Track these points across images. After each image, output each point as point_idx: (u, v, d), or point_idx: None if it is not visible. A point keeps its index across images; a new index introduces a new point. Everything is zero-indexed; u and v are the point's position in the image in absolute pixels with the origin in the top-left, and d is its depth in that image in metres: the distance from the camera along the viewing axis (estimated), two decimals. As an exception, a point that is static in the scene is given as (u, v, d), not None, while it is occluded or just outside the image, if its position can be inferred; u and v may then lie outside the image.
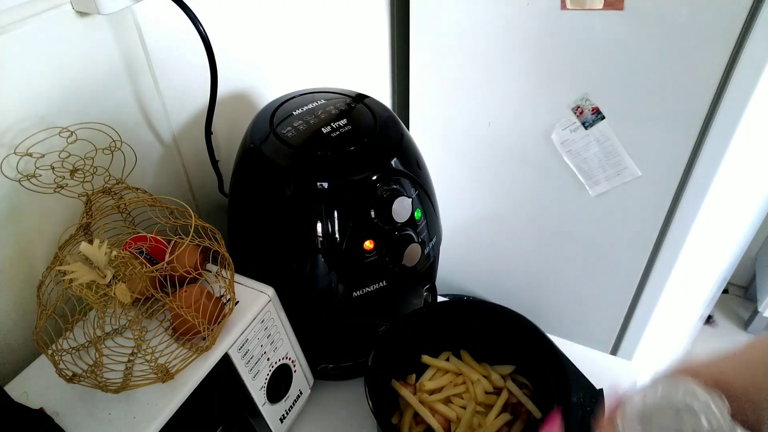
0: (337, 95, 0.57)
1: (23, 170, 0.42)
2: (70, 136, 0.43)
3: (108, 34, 0.46)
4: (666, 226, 0.87)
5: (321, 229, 0.49)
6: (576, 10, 0.75)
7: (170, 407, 0.41)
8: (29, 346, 0.47)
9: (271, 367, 0.51)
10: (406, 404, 0.55)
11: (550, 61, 0.81)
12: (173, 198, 0.45)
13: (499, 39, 0.84)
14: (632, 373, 0.64)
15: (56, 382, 0.41)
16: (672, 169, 0.81)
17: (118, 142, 0.46)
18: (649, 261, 0.92)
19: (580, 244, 0.96)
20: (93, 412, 0.41)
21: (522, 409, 0.54)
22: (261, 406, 0.51)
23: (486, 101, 0.91)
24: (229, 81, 0.62)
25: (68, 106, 0.45)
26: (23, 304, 0.46)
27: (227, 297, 0.47)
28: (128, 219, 0.49)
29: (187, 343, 0.44)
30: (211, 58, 0.52)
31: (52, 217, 0.46)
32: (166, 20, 0.51)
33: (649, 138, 0.80)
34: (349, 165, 0.49)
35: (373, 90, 0.90)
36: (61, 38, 0.43)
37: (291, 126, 0.51)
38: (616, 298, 1.00)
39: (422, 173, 0.55)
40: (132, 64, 0.50)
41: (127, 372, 0.42)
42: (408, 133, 0.55)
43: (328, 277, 0.51)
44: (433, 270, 0.62)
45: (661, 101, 0.76)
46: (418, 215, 0.53)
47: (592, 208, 0.90)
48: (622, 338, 1.05)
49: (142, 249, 0.46)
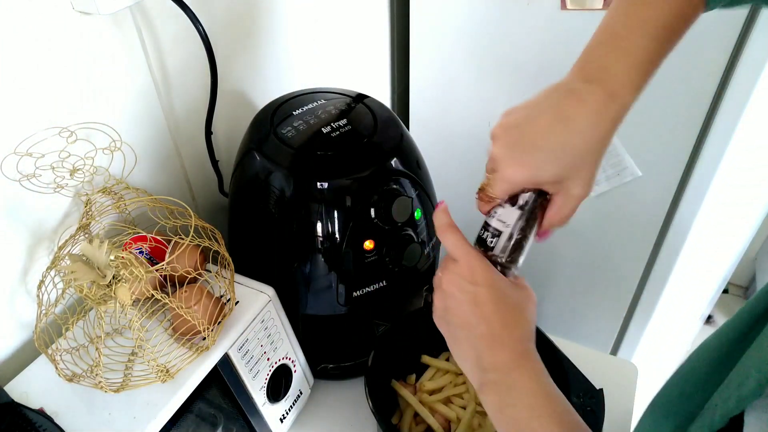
0: (337, 95, 0.57)
1: (23, 170, 0.42)
2: (70, 136, 0.43)
3: (108, 33, 0.46)
4: (666, 226, 0.87)
5: (321, 229, 0.49)
6: (576, 10, 0.75)
7: (170, 407, 0.41)
8: (29, 346, 0.47)
9: (271, 367, 0.51)
10: (406, 404, 0.55)
11: (551, 61, 0.81)
12: (173, 198, 0.46)
13: (499, 39, 0.83)
14: (632, 373, 0.64)
15: (56, 382, 0.41)
16: (672, 169, 0.81)
17: (118, 142, 0.46)
18: (649, 261, 0.92)
19: (580, 243, 0.96)
20: (93, 412, 0.41)
21: (522, 409, 0.53)
22: (261, 406, 0.51)
23: (486, 101, 0.90)
24: (229, 81, 0.61)
25: (68, 105, 0.45)
26: (23, 304, 0.46)
27: (227, 297, 0.47)
28: (128, 219, 0.49)
29: (187, 343, 0.44)
30: (211, 57, 0.52)
31: (52, 218, 0.46)
32: (166, 20, 0.51)
33: (649, 138, 0.80)
34: (349, 165, 0.49)
35: (372, 90, 0.90)
36: (62, 38, 0.43)
37: (291, 126, 0.51)
38: (616, 298, 1.00)
39: (422, 173, 0.55)
40: (132, 63, 0.50)
41: (127, 372, 0.42)
42: (408, 133, 0.55)
43: (328, 277, 0.51)
44: (433, 270, 0.62)
45: (662, 101, 0.76)
46: (418, 215, 0.53)
47: (592, 207, 0.90)
48: (623, 338, 1.05)
49: (142, 249, 0.46)
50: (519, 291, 0.36)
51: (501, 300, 0.35)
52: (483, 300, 0.34)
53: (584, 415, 0.49)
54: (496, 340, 0.34)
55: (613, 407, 0.50)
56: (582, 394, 0.50)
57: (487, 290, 0.35)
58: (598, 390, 0.49)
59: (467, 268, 0.35)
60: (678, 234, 0.86)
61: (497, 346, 0.34)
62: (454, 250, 0.36)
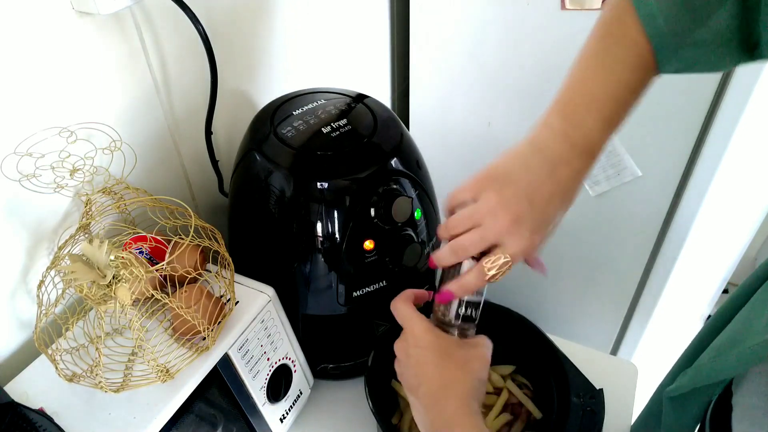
0: (337, 95, 0.57)
1: (23, 170, 0.42)
2: (70, 136, 0.43)
3: (108, 33, 0.46)
4: (666, 226, 0.87)
5: (321, 229, 0.49)
6: (576, 10, 0.75)
7: (170, 407, 0.41)
8: (29, 346, 0.47)
9: (271, 367, 0.51)
10: (407, 404, 0.54)
11: (551, 61, 0.81)
12: (173, 198, 0.45)
13: (499, 39, 0.83)
14: (633, 373, 0.64)
15: (56, 382, 0.41)
16: (672, 169, 0.81)
17: (118, 142, 0.46)
18: (650, 260, 0.92)
19: (580, 243, 0.96)
20: (93, 412, 0.41)
21: (522, 409, 0.53)
22: (261, 406, 0.51)
23: (486, 101, 0.90)
24: (229, 81, 0.61)
25: (68, 105, 0.45)
26: (23, 303, 0.46)
27: (227, 297, 0.47)
28: (128, 219, 0.49)
29: (187, 343, 0.44)
30: (211, 57, 0.52)
31: (52, 217, 0.46)
32: (167, 20, 0.51)
33: (649, 137, 0.80)
34: (349, 165, 0.49)
35: (373, 90, 0.90)
36: (61, 38, 0.43)
37: (291, 126, 0.51)
38: (616, 298, 1.00)
39: (422, 173, 0.55)
40: (132, 63, 0.49)
41: (127, 372, 0.42)
42: (408, 133, 0.55)
43: (328, 277, 0.51)
44: (432, 270, 0.62)
45: (662, 100, 0.76)
46: (418, 215, 0.53)
47: (592, 207, 0.90)
48: (623, 338, 1.05)
49: (142, 249, 0.46)
50: (465, 349, 0.38)
51: (441, 360, 0.37)
52: (423, 361, 0.37)
53: (584, 415, 0.49)
54: (437, 399, 0.36)
55: (613, 407, 0.50)
56: (582, 394, 0.50)
57: (426, 352, 0.37)
58: (598, 390, 0.49)
59: (410, 333, 0.39)
60: (678, 233, 0.86)
61: (438, 406, 0.36)
62: (402, 320, 0.40)
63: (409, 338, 0.39)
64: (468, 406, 0.35)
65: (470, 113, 0.93)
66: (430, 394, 0.36)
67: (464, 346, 0.39)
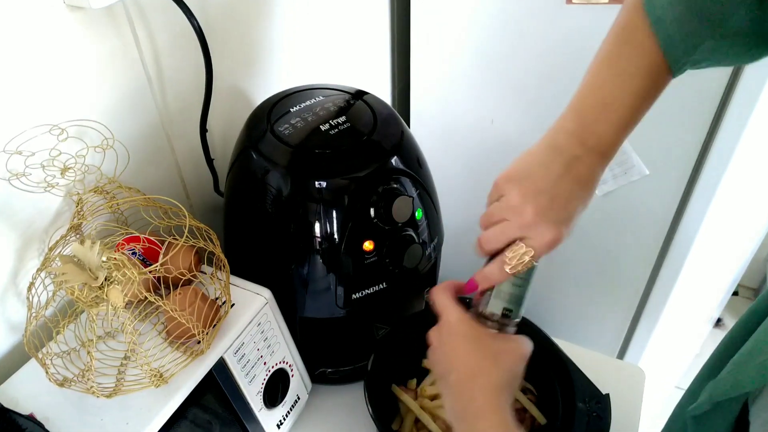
0: (336, 92, 0.56)
1: (12, 169, 0.41)
2: (61, 134, 0.43)
3: (100, 28, 0.46)
4: (674, 226, 0.86)
5: (319, 230, 0.48)
6: (581, 4, 0.74)
7: (164, 413, 0.40)
8: (19, 350, 0.46)
9: (267, 372, 0.51)
10: (407, 410, 0.54)
11: (555, 57, 0.80)
12: (167, 197, 0.45)
13: (502, 34, 0.83)
14: (640, 378, 0.63)
15: (47, 386, 0.41)
16: (681, 168, 0.80)
17: (111, 140, 0.46)
18: (657, 262, 0.91)
19: (586, 244, 0.95)
20: (84, 418, 0.40)
21: (526, 414, 0.53)
22: (257, 411, 0.50)
23: (489, 98, 0.90)
24: (224, 77, 0.61)
25: (59, 102, 0.44)
26: (12, 306, 0.45)
27: (222, 299, 0.46)
28: (121, 219, 0.48)
29: (182, 346, 0.43)
30: (206, 52, 0.51)
31: (43, 218, 0.46)
32: (160, 14, 0.51)
33: (656, 135, 0.79)
34: (348, 163, 0.48)
35: (372, 86, 0.89)
36: (52, 33, 0.42)
37: (288, 123, 0.51)
38: (623, 300, 0.99)
39: (423, 172, 0.54)
40: (124, 59, 0.49)
41: (119, 376, 0.42)
42: (408, 130, 0.54)
43: (326, 278, 0.51)
44: (434, 271, 0.61)
45: (669, 97, 0.74)
46: (419, 215, 0.52)
47: (598, 207, 0.89)
48: (630, 341, 1.04)
49: (135, 250, 0.46)
50: (498, 342, 0.39)
51: (472, 348, 0.38)
52: (454, 348, 0.38)
53: (590, 420, 0.48)
54: (466, 388, 0.37)
55: (619, 412, 0.50)
56: (588, 399, 0.50)
57: (458, 338, 0.38)
58: (604, 395, 0.49)
59: (446, 321, 0.40)
60: (686, 234, 0.85)
61: (466, 395, 0.36)
62: (439, 308, 0.41)
63: (444, 326, 0.40)
64: (496, 398, 0.36)
65: (473, 110, 0.93)
66: (459, 382, 0.37)
67: (498, 339, 0.39)
